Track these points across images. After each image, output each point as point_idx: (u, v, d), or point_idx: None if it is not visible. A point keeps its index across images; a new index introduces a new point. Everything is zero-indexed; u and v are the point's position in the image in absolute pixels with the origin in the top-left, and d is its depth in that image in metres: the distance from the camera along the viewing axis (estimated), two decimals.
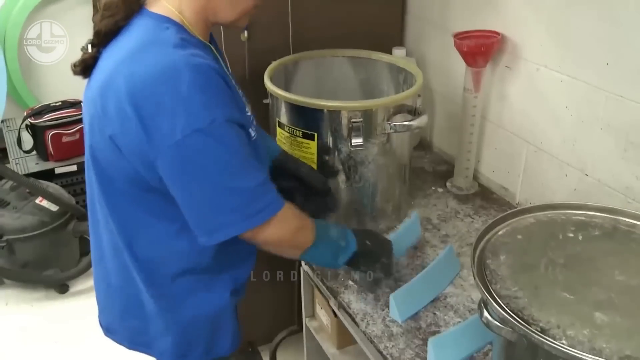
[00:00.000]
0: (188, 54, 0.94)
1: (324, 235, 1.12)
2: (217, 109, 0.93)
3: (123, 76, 0.95)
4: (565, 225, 1.01)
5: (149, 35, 0.98)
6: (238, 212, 0.98)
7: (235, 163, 0.97)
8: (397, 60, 1.51)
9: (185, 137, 0.92)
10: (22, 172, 2.79)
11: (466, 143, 1.58)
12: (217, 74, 0.96)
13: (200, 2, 1.02)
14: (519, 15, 1.43)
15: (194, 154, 0.94)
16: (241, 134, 0.99)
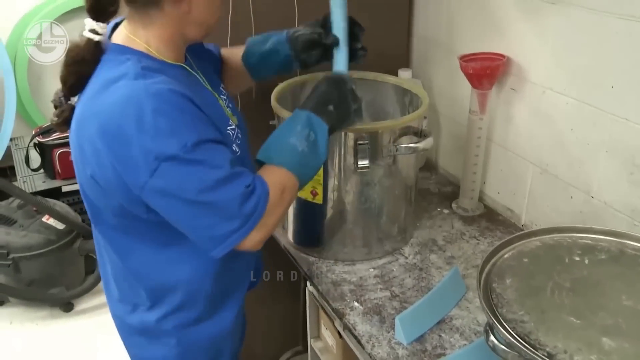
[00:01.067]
0: (149, 82, 0.94)
1: (296, 160, 1.07)
2: (185, 132, 0.93)
3: (91, 115, 0.97)
4: (572, 249, 1.01)
5: (110, 72, 0.99)
6: (233, 221, 0.98)
7: (216, 178, 0.96)
8: (403, 82, 1.52)
9: (161, 167, 0.92)
10: (30, 190, 2.81)
11: (472, 164, 1.58)
12: (180, 97, 0.95)
13: (168, 32, 1.03)
14: (524, 39, 1.44)
15: (174, 180, 0.94)
16: (218, 149, 0.99)
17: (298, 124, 1.08)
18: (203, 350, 1.21)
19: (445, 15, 1.71)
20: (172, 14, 1.01)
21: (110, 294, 1.23)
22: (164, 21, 1.01)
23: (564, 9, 1.31)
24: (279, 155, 1.06)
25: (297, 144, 1.06)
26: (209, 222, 0.98)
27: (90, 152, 0.97)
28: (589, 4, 1.24)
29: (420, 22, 1.84)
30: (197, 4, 1.02)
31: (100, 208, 1.07)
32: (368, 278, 1.38)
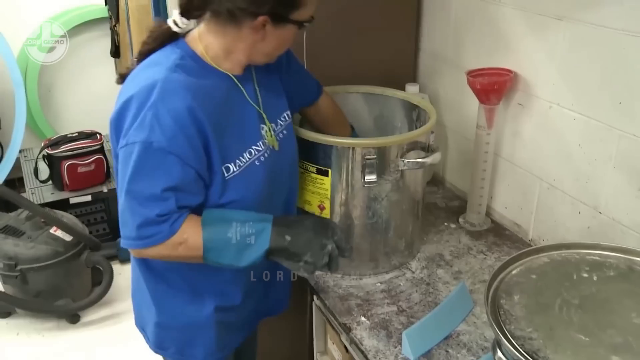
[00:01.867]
0: (171, 77, 1.04)
1: (217, 239, 1.10)
2: (159, 134, 1.01)
3: (122, 89, 1.11)
4: (580, 265, 1.00)
5: (156, 58, 1.12)
6: (133, 231, 1.06)
7: (148, 189, 1.03)
8: (411, 97, 1.52)
9: (126, 145, 1.03)
10: (38, 201, 2.82)
11: (479, 179, 1.58)
12: (185, 108, 1.03)
13: (236, 47, 1.12)
14: (531, 54, 1.44)
15: (125, 161, 1.04)
16: (175, 166, 1.04)
17: (251, 221, 1.12)
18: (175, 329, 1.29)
19: (452, 30, 1.72)
20: (246, 36, 1.10)
21: None
22: (235, 39, 1.10)
23: (571, 25, 1.31)
24: (213, 224, 1.11)
25: (234, 233, 1.10)
26: (121, 214, 1.08)
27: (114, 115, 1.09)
28: (596, 21, 1.25)
29: (428, 37, 1.85)
30: (271, 37, 1.11)
31: None
32: (375, 292, 1.38)
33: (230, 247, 1.10)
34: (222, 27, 1.10)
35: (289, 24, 1.10)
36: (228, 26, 1.09)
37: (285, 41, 1.15)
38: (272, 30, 1.09)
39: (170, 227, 1.06)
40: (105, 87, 3.70)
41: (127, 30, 2.91)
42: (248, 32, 1.09)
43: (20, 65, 3.36)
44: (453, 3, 1.69)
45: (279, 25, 1.09)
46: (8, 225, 2.47)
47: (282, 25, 1.10)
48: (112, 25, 3.27)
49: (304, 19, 1.11)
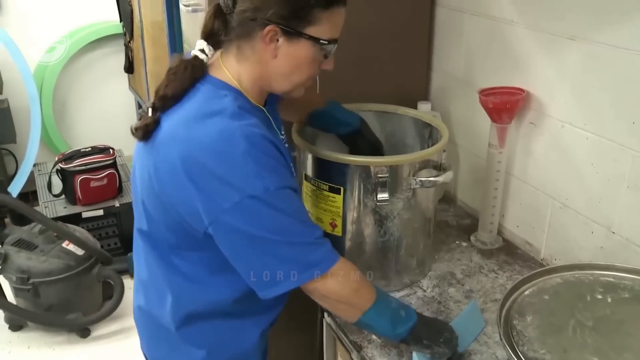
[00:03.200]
0: (244, 124, 0.99)
1: (384, 300, 1.11)
2: (270, 177, 0.98)
3: (180, 139, 1.00)
4: (593, 286, 1.00)
5: (208, 104, 1.03)
6: (293, 266, 1.01)
7: (289, 224, 1.00)
8: (423, 116, 1.53)
9: (238, 203, 0.96)
10: (51, 215, 2.85)
11: (491, 198, 1.58)
12: (270, 143, 1.01)
13: (257, 72, 1.08)
14: (543, 73, 1.45)
15: (248, 219, 0.98)
16: (294, 197, 1.03)
17: (402, 304, 1.15)
18: None
19: (465, 49, 1.73)
20: (261, 54, 1.05)
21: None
22: (253, 59, 1.06)
23: (583, 45, 1.32)
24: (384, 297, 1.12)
25: (394, 302, 1.13)
26: (269, 262, 1.01)
27: (166, 173, 1.02)
28: (609, 41, 1.25)
29: (440, 56, 1.86)
30: (284, 53, 1.06)
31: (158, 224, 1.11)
32: None
33: (392, 312, 1.11)
34: (238, 47, 1.07)
35: (302, 39, 1.05)
36: (243, 43, 1.06)
37: (303, 62, 1.08)
38: (285, 46, 1.05)
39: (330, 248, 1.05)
40: (119, 102, 3.76)
41: (141, 46, 2.95)
42: (261, 48, 1.05)
43: (36, 80, 3.41)
44: (465, 22, 1.70)
45: (291, 40, 1.04)
46: (22, 239, 2.49)
47: (294, 40, 1.05)
48: (127, 42, 3.32)
49: (320, 36, 1.06)
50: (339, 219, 1.36)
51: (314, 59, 1.09)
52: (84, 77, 3.73)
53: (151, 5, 2.62)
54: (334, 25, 1.08)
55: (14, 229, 2.58)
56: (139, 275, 1.26)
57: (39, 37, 3.51)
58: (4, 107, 3.25)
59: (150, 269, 1.19)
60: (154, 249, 1.16)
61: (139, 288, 1.27)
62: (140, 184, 1.12)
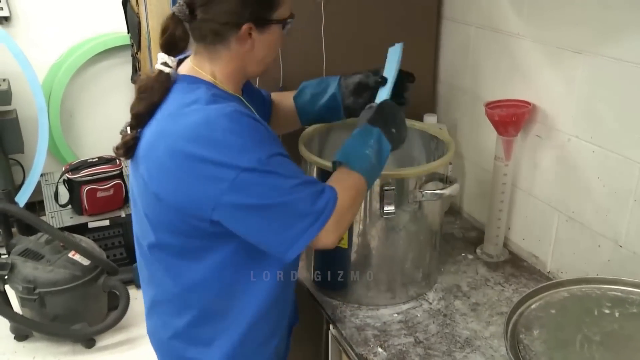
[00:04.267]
0: (220, 106, 1.02)
1: (368, 171, 1.15)
2: (258, 148, 1.00)
3: (162, 136, 1.03)
4: (601, 301, 1.00)
5: (182, 98, 1.06)
6: (306, 219, 1.04)
7: (289, 184, 1.03)
8: (429, 128, 1.53)
9: (235, 180, 0.98)
10: (57, 225, 2.86)
11: (496, 210, 1.58)
12: (249, 118, 1.03)
13: (231, 66, 1.12)
14: (550, 86, 1.45)
15: (250, 191, 1.00)
16: (287, 161, 1.06)
17: (371, 139, 1.17)
18: None
19: (471, 61, 1.74)
20: (236, 50, 1.09)
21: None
22: (228, 57, 1.10)
23: (589, 59, 1.32)
24: (356, 161, 1.14)
25: (370, 155, 1.15)
26: (282, 224, 1.04)
27: (157, 171, 1.04)
28: (615, 55, 1.26)
29: (446, 68, 1.87)
30: (259, 43, 1.11)
31: (159, 228, 1.11)
32: (392, 323, 1.37)
33: (374, 166, 1.17)
34: (212, 50, 1.10)
35: (272, 25, 1.11)
36: (217, 47, 1.09)
37: (274, 45, 1.15)
38: (259, 37, 1.09)
39: (331, 190, 1.08)
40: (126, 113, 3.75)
41: (148, 57, 2.97)
42: (236, 46, 1.09)
43: (44, 91, 3.43)
44: (472, 35, 1.71)
45: (263, 29, 1.10)
46: (28, 249, 2.50)
47: (266, 28, 1.10)
48: (134, 53, 3.34)
49: (285, 17, 1.12)
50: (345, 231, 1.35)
51: (280, 36, 1.15)
52: (91, 88, 3.76)
53: (158, 17, 2.64)
54: (290, 1, 1.13)
55: (21, 238, 2.59)
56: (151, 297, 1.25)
57: (48, 48, 3.54)
58: (12, 117, 3.27)
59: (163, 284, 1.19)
60: (161, 261, 1.16)
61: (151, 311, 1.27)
62: (139, 197, 1.13)
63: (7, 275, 2.44)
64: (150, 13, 2.81)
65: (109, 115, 3.79)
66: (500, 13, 1.57)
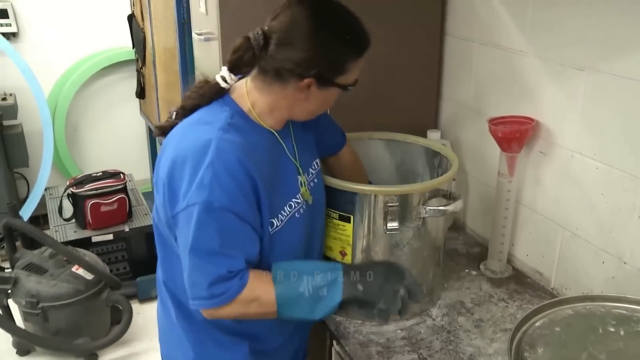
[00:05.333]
0: (225, 137, 1.05)
1: (290, 294, 1.11)
2: (218, 194, 1.02)
3: (172, 146, 1.11)
4: (605, 319, 0.99)
5: (206, 115, 1.13)
6: (204, 290, 1.06)
7: (211, 244, 1.05)
8: (433, 144, 1.54)
9: (186, 208, 1.03)
10: (61, 239, 2.86)
11: (500, 226, 1.58)
12: (239, 166, 1.04)
13: (278, 104, 1.14)
14: (553, 103, 1.46)
15: (187, 223, 1.04)
16: (234, 224, 1.06)
17: (321, 273, 1.12)
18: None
19: (474, 78, 1.75)
20: (291, 95, 1.12)
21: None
22: (281, 96, 1.13)
23: (592, 76, 1.33)
24: (284, 279, 1.11)
25: (306, 287, 1.10)
26: (189, 275, 1.08)
27: (161, 170, 1.11)
28: (618, 72, 1.26)
29: (449, 84, 1.88)
30: (315, 97, 1.13)
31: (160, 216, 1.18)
32: (395, 340, 1.37)
33: (304, 301, 1.10)
34: (268, 84, 1.12)
35: (333, 87, 1.13)
36: (274, 84, 1.11)
37: (328, 102, 1.18)
38: (317, 92, 1.11)
39: (240, 282, 1.07)
40: (130, 127, 3.81)
41: (153, 72, 2.99)
42: (293, 92, 1.11)
43: (50, 105, 3.45)
44: (475, 52, 1.72)
45: (324, 87, 1.11)
46: (32, 263, 2.51)
47: (327, 87, 1.12)
48: (139, 67, 3.36)
49: (348, 83, 1.14)
50: (349, 248, 1.36)
51: (337, 96, 1.18)
52: (96, 102, 3.78)
53: (164, 33, 2.67)
54: (359, 70, 1.16)
55: (25, 252, 2.59)
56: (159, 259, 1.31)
57: (54, 63, 3.57)
58: (18, 131, 3.30)
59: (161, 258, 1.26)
60: (159, 239, 1.23)
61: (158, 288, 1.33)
62: (154, 181, 1.19)
63: (11, 289, 2.44)
64: (156, 29, 2.84)
65: (113, 130, 3.81)
66: (503, 30, 1.58)
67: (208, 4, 1.71)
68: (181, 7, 2.26)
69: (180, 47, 2.27)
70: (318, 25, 1.07)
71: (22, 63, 3.20)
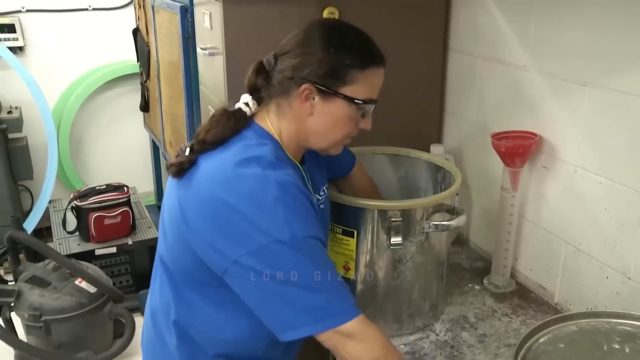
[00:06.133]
0: (278, 173, 1.01)
1: None
2: (299, 225, 0.98)
3: (215, 183, 1.02)
4: (610, 335, 0.99)
5: (248, 150, 1.05)
6: (311, 313, 0.99)
7: (312, 271, 0.99)
8: (436, 159, 1.54)
9: (264, 246, 0.96)
10: (64, 252, 2.86)
11: (503, 241, 1.58)
12: (301, 192, 1.02)
13: (294, 128, 1.11)
14: (556, 118, 1.46)
15: (272, 261, 0.97)
16: (320, 248, 1.03)
17: None
18: None
19: (477, 93, 1.75)
20: (297, 111, 1.09)
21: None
22: (291, 115, 1.10)
23: (595, 91, 1.33)
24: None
25: None
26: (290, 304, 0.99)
27: (196, 210, 1.03)
28: (620, 88, 1.27)
29: (453, 99, 1.88)
30: (320, 111, 1.09)
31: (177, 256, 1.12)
32: None
33: None
34: (278, 104, 1.11)
35: (336, 98, 1.08)
36: (282, 100, 1.10)
37: (339, 120, 1.11)
38: (320, 104, 1.08)
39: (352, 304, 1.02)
40: (134, 140, 3.82)
41: (157, 85, 3.01)
42: (297, 105, 1.08)
43: (54, 118, 3.47)
44: (478, 67, 1.73)
45: (326, 98, 1.08)
46: (35, 276, 2.50)
47: (329, 99, 1.08)
48: (143, 81, 3.38)
49: (356, 96, 1.09)
50: (352, 262, 1.36)
51: (350, 117, 1.11)
52: (100, 115, 3.80)
53: (168, 47, 2.69)
54: (371, 86, 1.11)
55: (28, 265, 2.59)
56: (151, 299, 1.26)
57: (59, 76, 3.60)
58: (23, 144, 3.31)
59: (163, 294, 1.20)
60: (170, 278, 1.17)
61: (149, 312, 1.27)
62: (168, 216, 1.13)
63: (14, 302, 2.44)
64: (160, 43, 2.86)
65: (117, 143, 3.83)
66: (506, 45, 1.59)
67: (213, 19, 1.72)
68: (186, 22, 2.28)
69: (185, 61, 2.28)
70: (322, 34, 1.07)
71: (28, 77, 3.22)
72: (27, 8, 3.46)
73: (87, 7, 3.59)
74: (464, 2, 1.76)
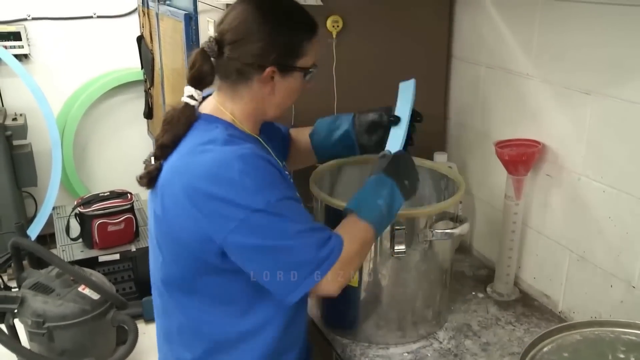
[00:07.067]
0: (235, 148, 1.05)
1: (378, 221, 1.16)
2: (269, 191, 1.03)
3: (179, 174, 1.07)
4: (615, 345, 0.98)
5: (200, 137, 1.10)
6: (309, 264, 1.05)
7: (296, 228, 1.04)
8: (440, 167, 1.54)
9: (244, 220, 1.01)
10: (68, 259, 2.87)
11: (507, 249, 1.57)
12: (263, 160, 1.06)
13: (251, 107, 1.16)
14: (559, 126, 1.46)
15: (257, 232, 1.02)
16: (296, 205, 1.08)
17: (384, 189, 1.18)
18: None
19: (481, 101, 1.75)
20: (257, 91, 1.14)
21: None
22: (249, 97, 1.15)
23: (598, 100, 1.33)
24: (367, 211, 1.15)
25: (382, 206, 1.16)
26: (284, 267, 1.05)
27: (172, 207, 1.08)
28: (623, 96, 1.27)
29: (456, 107, 1.88)
30: (280, 87, 1.15)
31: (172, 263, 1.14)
32: None
33: (384, 217, 1.17)
34: (234, 89, 1.14)
35: (295, 72, 1.15)
36: (239, 85, 1.14)
37: (294, 91, 1.19)
38: (280, 81, 1.14)
39: (337, 238, 1.09)
40: (137, 147, 3.83)
41: (161, 92, 3.02)
42: (258, 87, 1.13)
43: (58, 125, 3.49)
44: (481, 74, 1.73)
45: (286, 74, 1.14)
46: (39, 282, 2.51)
47: (289, 74, 1.15)
48: (147, 88, 3.40)
49: (308, 65, 1.17)
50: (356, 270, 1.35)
51: (302, 84, 1.19)
52: (104, 122, 3.82)
53: (172, 54, 2.70)
54: (316, 52, 1.18)
55: (32, 272, 2.60)
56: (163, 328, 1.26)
57: (63, 83, 3.62)
58: (27, 151, 3.33)
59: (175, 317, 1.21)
60: (176, 301, 1.18)
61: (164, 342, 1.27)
62: (154, 230, 1.17)
63: (17, 309, 2.44)
64: (164, 50, 2.88)
65: (121, 150, 3.84)
66: (510, 53, 1.60)
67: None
68: (190, 30, 2.30)
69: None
70: (265, 14, 1.11)
71: (33, 84, 3.24)
72: (33, 16, 3.48)
73: (92, 15, 3.62)
74: (468, 10, 1.77)
